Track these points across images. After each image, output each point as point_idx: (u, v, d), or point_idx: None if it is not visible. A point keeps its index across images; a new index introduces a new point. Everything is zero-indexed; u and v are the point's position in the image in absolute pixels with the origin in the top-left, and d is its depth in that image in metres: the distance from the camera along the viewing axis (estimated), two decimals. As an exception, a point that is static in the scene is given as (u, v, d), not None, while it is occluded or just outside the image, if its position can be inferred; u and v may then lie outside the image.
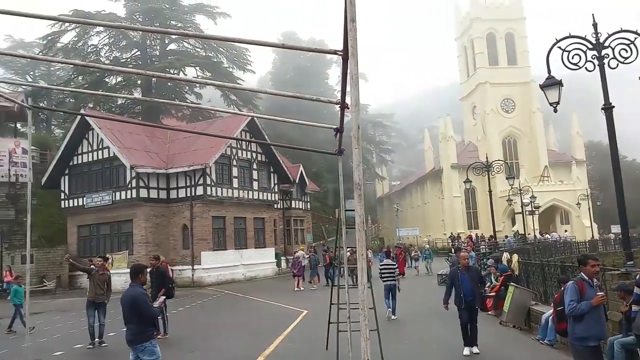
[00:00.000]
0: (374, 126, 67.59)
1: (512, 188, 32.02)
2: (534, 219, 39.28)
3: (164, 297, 10.48)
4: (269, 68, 71.07)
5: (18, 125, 37.48)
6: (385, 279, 13.42)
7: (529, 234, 38.19)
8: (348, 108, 4.86)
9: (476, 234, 43.21)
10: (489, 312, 13.65)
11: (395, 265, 14.55)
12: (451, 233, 45.58)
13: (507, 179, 31.16)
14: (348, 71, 3.07)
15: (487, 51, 55.50)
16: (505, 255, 18.33)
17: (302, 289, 22.54)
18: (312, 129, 47.78)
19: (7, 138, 32.95)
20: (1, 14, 4.06)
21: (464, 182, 29.56)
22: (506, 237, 39.04)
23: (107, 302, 11.57)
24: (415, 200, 66.23)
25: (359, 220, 2.70)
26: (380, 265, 14.48)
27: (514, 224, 47.06)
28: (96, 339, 11.24)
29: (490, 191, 26.06)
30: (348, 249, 9.76)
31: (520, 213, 38.81)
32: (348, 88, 3.28)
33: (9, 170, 30.43)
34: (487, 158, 28.75)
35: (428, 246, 30.67)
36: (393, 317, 13.32)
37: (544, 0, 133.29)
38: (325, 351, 9.36)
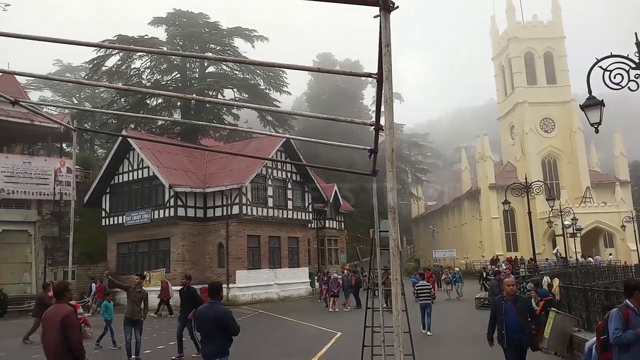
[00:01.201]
0: (409, 146, 67.26)
1: (552, 209, 31.13)
2: (575, 242, 38.00)
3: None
4: (304, 89, 71.92)
5: (64, 145, 38.96)
6: (421, 299, 14.90)
7: (570, 257, 36.94)
8: (382, 130, 4.88)
9: (515, 256, 42.06)
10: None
11: (429, 286, 16.03)
12: (494, 255, 44.42)
13: (547, 200, 30.37)
14: (382, 94, 3.10)
15: (525, 70, 54.63)
16: (546, 279, 17.76)
17: (336, 310, 22.40)
18: (347, 149, 47.92)
19: (53, 158, 34.28)
20: (52, 42, 4.30)
21: (503, 203, 28.90)
22: (547, 259, 37.86)
23: (143, 319, 11.73)
24: (452, 221, 65.10)
25: (393, 243, 2.69)
26: (416, 286, 16.13)
27: (554, 246, 45.58)
28: (133, 356, 11.40)
29: (529, 213, 25.42)
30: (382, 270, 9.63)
31: (561, 235, 37.61)
32: (382, 110, 3.30)
33: (54, 188, 31.58)
34: (526, 179, 28.11)
35: (457, 269, 29.90)
36: (429, 333, 14.46)
37: (584, 18, 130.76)
38: (359, 374, 9.21)
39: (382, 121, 4.95)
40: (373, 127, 4.94)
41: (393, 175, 2.68)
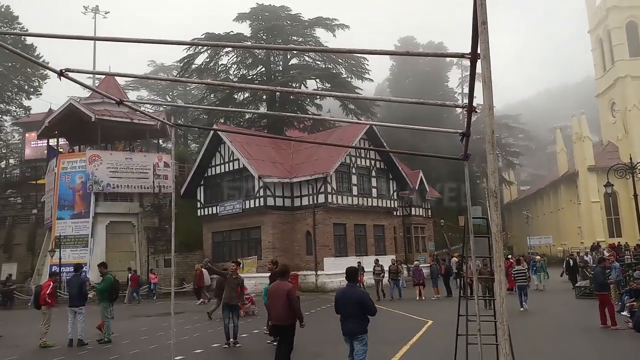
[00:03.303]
0: (500, 128, 64.31)
1: (662, 192, 28.49)
2: (691, 227, 34.55)
3: None
4: (386, 75, 70.96)
5: (160, 141, 41.50)
6: (518, 281, 17.33)
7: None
8: (475, 111, 4.70)
9: (618, 242, 39.12)
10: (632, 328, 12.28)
11: (525, 270, 18.40)
12: (595, 242, 41.49)
13: (656, 181, 27.83)
14: (480, 74, 3.00)
15: (627, 42, 50.30)
16: (657, 267, 16.40)
17: (423, 298, 22.09)
18: (432, 133, 46.79)
19: (151, 153, 36.60)
20: (149, 43, 4.56)
21: (605, 185, 26.87)
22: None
23: (241, 303, 12.23)
24: (548, 206, 61.75)
25: (495, 229, 2.59)
26: (514, 271, 18.36)
27: (665, 232, 41.84)
28: (231, 339, 11.94)
29: (635, 195, 23.45)
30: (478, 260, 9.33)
31: (673, 220, 34.38)
32: (477, 91, 3.17)
33: (154, 182, 33.73)
34: (630, 159, 25.93)
35: (539, 257, 27.78)
36: (525, 308, 16.52)
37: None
38: (453, 363, 9.03)
39: (474, 102, 4.76)
40: (465, 109, 4.75)
41: (494, 158, 2.57)
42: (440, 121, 49.48)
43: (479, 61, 3.39)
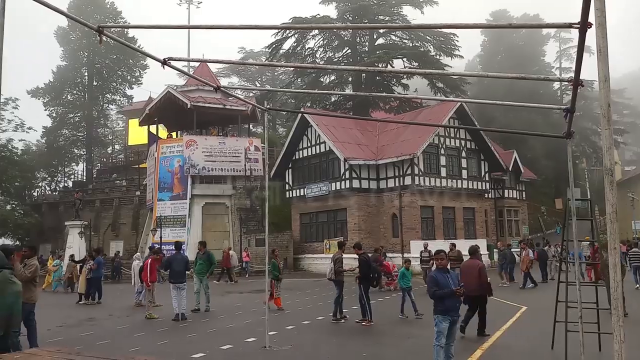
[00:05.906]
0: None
1: None
2: None
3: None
4: (477, 51, 68.04)
5: (250, 125, 42.89)
6: (633, 262, 18.22)
7: None
8: (582, 86, 4.41)
9: None
10: None
11: None
12: None
13: None
14: (588, 45, 2.81)
15: None
16: None
17: (509, 284, 21.21)
18: (526, 111, 44.40)
19: (242, 137, 37.96)
20: (241, 29, 4.73)
21: None
22: None
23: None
24: (657, 188, 56.65)
25: (610, 209, 2.43)
26: (630, 253, 19.18)
27: None
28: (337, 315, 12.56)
29: None
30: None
31: None
32: (596, 64, 2.95)
33: (245, 165, 35.03)
34: None
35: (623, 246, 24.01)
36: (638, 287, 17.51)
37: None
38: (550, 350, 8.66)
39: (578, 76, 4.44)
40: (570, 82, 4.44)
41: (610, 134, 2.41)
42: (535, 98, 46.77)
43: (588, 31, 3.19)
